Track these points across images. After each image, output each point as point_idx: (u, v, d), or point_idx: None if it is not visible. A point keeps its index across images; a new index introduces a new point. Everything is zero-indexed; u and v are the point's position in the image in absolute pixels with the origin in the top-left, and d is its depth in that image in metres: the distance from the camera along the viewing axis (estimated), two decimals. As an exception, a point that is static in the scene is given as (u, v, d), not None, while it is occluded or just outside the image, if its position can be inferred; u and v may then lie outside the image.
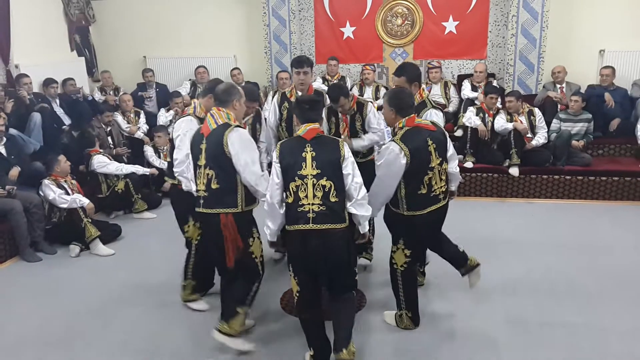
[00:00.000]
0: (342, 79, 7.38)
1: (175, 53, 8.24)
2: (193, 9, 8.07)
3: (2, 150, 5.19)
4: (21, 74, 6.26)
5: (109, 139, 6.54)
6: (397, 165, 3.05)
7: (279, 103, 4.22)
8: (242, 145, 3.02)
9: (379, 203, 3.21)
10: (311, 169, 2.85)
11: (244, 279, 3.25)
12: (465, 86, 6.99)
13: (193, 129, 3.37)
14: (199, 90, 7.54)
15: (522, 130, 5.92)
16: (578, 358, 3.18)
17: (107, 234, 5.16)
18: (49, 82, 6.54)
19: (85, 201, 5.07)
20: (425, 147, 3.11)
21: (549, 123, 6.25)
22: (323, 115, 3.90)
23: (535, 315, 3.62)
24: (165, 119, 7.09)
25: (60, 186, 5.05)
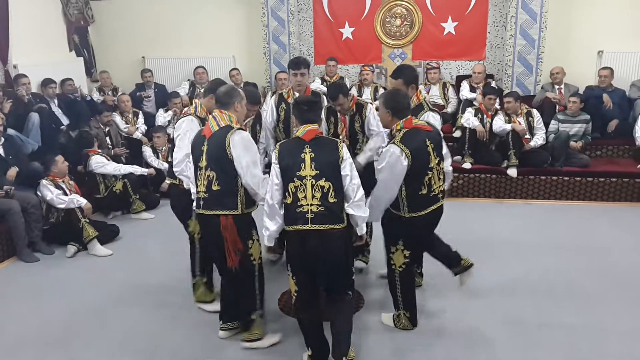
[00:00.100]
0: (341, 80, 7.36)
1: (174, 53, 8.23)
2: (192, 10, 8.07)
3: (0, 150, 5.18)
4: (19, 74, 6.25)
5: (107, 139, 6.54)
6: (400, 167, 3.06)
7: (276, 104, 4.22)
8: (244, 148, 3.03)
9: (382, 206, 3.20)
10: (310, 170, 2.86)
11: (243, 284, 3.26)
12: (464, 87, 7.00)
13: (193, 129, 3.38)
14: (198, 91, 7.56)
15: (521, 132, 5.92)
16: (577, 359, 3.18)
17: (105, 234, 5.15)
18: (47, 82, 6.52)
19: (83, 201, 5.07)
20: (424, 148, 3.13)
21: (547, 124, 6.26)
22: (322, 116, 3.91)
23: (534, 316, 3.62)
24: (163, 119, 7.09)
25: (58, 186, 5.04)
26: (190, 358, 3.30)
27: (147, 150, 6.55)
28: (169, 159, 6.63)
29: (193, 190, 3.29)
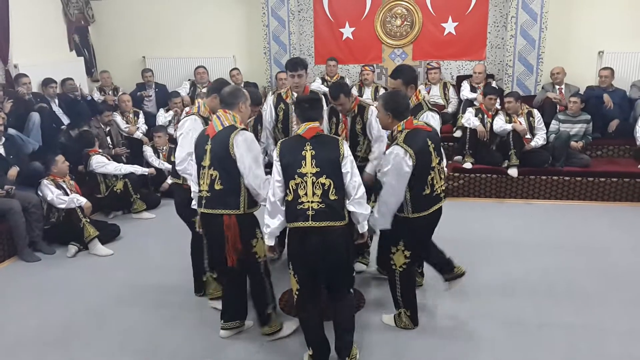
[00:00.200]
0: (342, 80, 7.37)
1: (175, 53, 8.23)
2: (192, 9, 8.07)
3: (1, 150, 5.19)
4: (20, 73, 6.26)
5: (108, 139, 6.54)
6: (405, 169, 3.06)
7: (275, 104, 4.22)
8: (247, 148, 3.05)
9: (392, 211, 3.17)
10: (311, 167, 2.88)
11: (253, 282, 3.33)
12: (464, 87, 7.00)
13: (196, 128, 3.39)
14: (199, 91, 7.56)
15: (521, 132, 5.92)
16: (576, 359, 3.18)
17: (106, 234, 5.15)
18: (47, 82, 6.53)
19: (83, 200, 5.07)
20: (426, 148, 3.14)
21: (548, 124, 6.26)
22: (325, 115, 3.92)
23: (534, 315, 3.62)
24: (164, 119, 7.10)
25: (59, 186, 5.05)
26: (191, 358, 3.30)
27: (148, 150, 6.55)
28: (171, 159, 6.67)
29: (194, 188, 3.30)
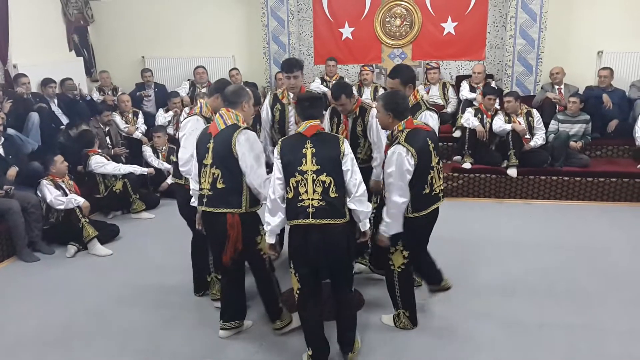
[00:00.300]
0: (341, 80, 7.36)
1: (174, 53, 8.23)
2: (192, 9, 8.07)
3: (0, 150, 5.18)
4: (19, 73, 6.25)
5: (107, 139, 6.54)
6: (408, 167, 3.06)
7: (271, 105, 4.20)
8: (250, 148, 3.06)
9: (402, 211, 3.13)
10: (311, 165, 2.89)
11: (260, 279, 3.36)
12: (464, 87, 7.00)
13: (199, 129, 3.38)
14: (198, 91, 7.56)
15: (521, 132, 5.92)
16: (576, 359, 3.18)
17: (105, 234, 5.15)
18: (47, 82, 6.52)
19: (81, 200, 5.05)
20: (427, 147, 3.15)
21: (547, 124, 6.26)
22: (327, 115, 3.92)
23: (534, 316, 3.62)
24: (163, 119, 7.10)
25: (58, 186, 5.04)
26: (190, 358, 3.30)
27: (147, 150, 6.55)
28: (172, 159, 6.67)
29: (194, 186, 3.30)
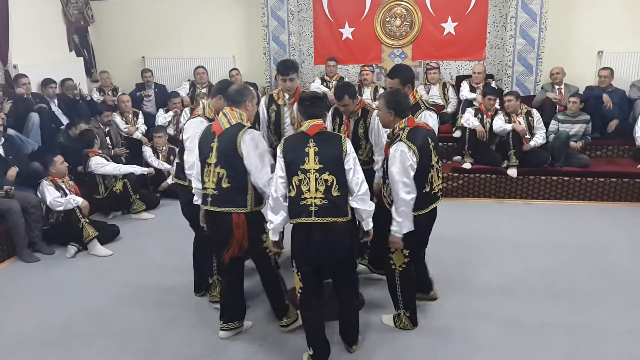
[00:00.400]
0: (341, 80, 7.37)
1: (174, 53, 8.24)
2: (192, 10, 8.07)
3: (0, 150, 5.18)
4: (19, 74, 6.26)
5: (107, 139, 6.54)
6: (410, 163, 3.07)
7: (267, 105, 4.18)
8: (255, 147, 3.06)
9: (411, 207, 3.12)
10: (314, 164, 2.90)
11: (266, 277, 3.38)
12: (464, 87, 7.00)
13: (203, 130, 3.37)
14: (198, 91, 7.56)
15: (521, 132, 5.92)
16: (576, 359, 3.18)
17: (105, 234, 5.15)
18: (47, 82, 6.53)
19: (79, 200, 5.05)
20: (427, 145, 3.16)
21: (547, 124, 6.26)
22: (329, 115, 3.92)
23: (534, 316, 3.62)
24: (163, 119, 7.10)
25: (58, 187, 5.04)
26: (190, 358, 3.30)
27: (147, 151, 6.55)
28: (174, 160, 6.64)
29: (196, 185, 3.29)
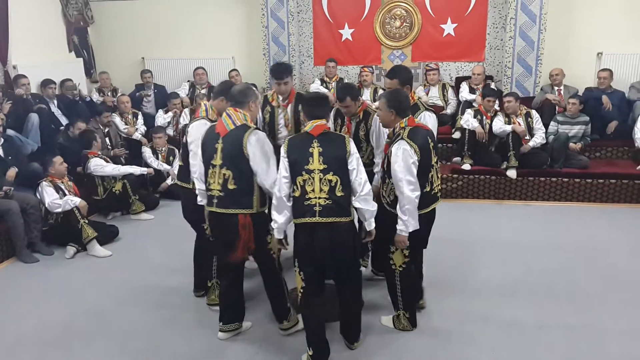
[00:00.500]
0: (341, 81, 7.37)
1: (174, 54, 8.24)
2: (191, 11, 8.07)
3: (0, 151, 5.18)
4: (19, 74, 6.26)
5: (107, 140, 6.53)
6: (413, 160, 3.07)
7: (261, 106, 4.16)
8: (261, 148, 3.07)
9: (416, 205, 3.11)
10: (318, 164, 2.92)
11: (270, 279, 3.36)
12: (463, 88, 7.00)
13: None
14: (198, 92, 7.56)
15: (521, 133, 5.92)
16: (576, 359, 3.18)
17: (105, 235, 5.14)
18: (47, 83, 6.53)
19: (77, 200, 5.03)
20: (427, 145, 3.17)
21: (546, 125, 6.26)
22: (331, 115, 3.92)
23: (533, 316, 3.62)
24: (163, 120, 7.10)
25: (57, 187, 5.03)
26: (190, 359, 3.29)
27: (147, 151, 6.55)
28: (170, 160, 6.65)
29: (201, 186, 3.28)
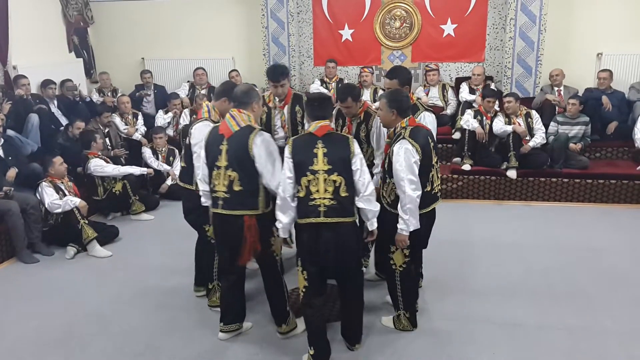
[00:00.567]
0: (341, 82, 7.38)
1: (174, 55, 8.24)
2: (191, 11, 8.08)
3: (0, 151, 5.18)
4: (19, 75, 6.25)
5: (107, 140, 6.53)
6: (415, 160, 3.08)
7: None
8: (267, 149, 3.07)
9: (417, 205, 3.12)
10: (322, 165, 2.93)
11: (271, 281, 3.36)
12: (463, 89, 7.00)
13: None
14: (198, 92, 7.56)
15: (522, 133, 5.92)
16: (576, 360, 3.19)
17: (105, 235, 5.14)
18: (47, 83, 6.53)
19: (77, 200, 5.03)
20: (428, 145, 3.18)
21: (546, 126, 6.26)
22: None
23: (534, 317, 3.62)
24: (163, 120, 7.10)
25: (57, 188, 5.03)
26: (190, 359, 3.29)
27: (147, 152, 6.55)
28: (171, 160, 6.65)
29: (204, 187, 3.27)
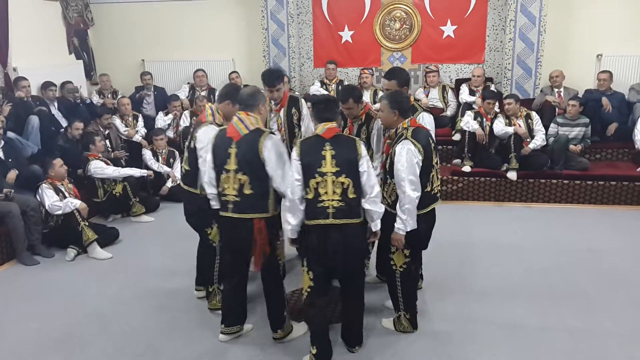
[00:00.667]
0: (341, 83, 7.39)
1: (174, 56, 8.24)
2: (191, 13, 8.08)
3: (0, 153, 5.18)
4: (19, 77, 6.25)
5: (107, 142, 6.53)
6: (417, 160, 3.09)
7: None
8: (277, 152, 3.07)
9: (416, 205, 3.14)
10: (331, 167, 2.94)
11: (272, 285, 3.35)
12: (463, 90, 7.01)
13: None
14: (198, 94, 7.56)
15: (523, 135, 5.92)
16: (577, 362, 3.18)
17: (105, 237, 5.13)
18: (47, 85, 6.53)
19: (77, 202, 5.03)
20: (429, 145, 3.19)
21: (546, 127, 6.26)
22: None
23: (534, 318, 3.62)
24: (163, 122, 7.11)
25: (57, 190, 5.03)
26: (191, 361, 3.30)
27: (147, 153, 6.55)
28: (171, 162, 6.64)
29: (212, 191, 3.25)
